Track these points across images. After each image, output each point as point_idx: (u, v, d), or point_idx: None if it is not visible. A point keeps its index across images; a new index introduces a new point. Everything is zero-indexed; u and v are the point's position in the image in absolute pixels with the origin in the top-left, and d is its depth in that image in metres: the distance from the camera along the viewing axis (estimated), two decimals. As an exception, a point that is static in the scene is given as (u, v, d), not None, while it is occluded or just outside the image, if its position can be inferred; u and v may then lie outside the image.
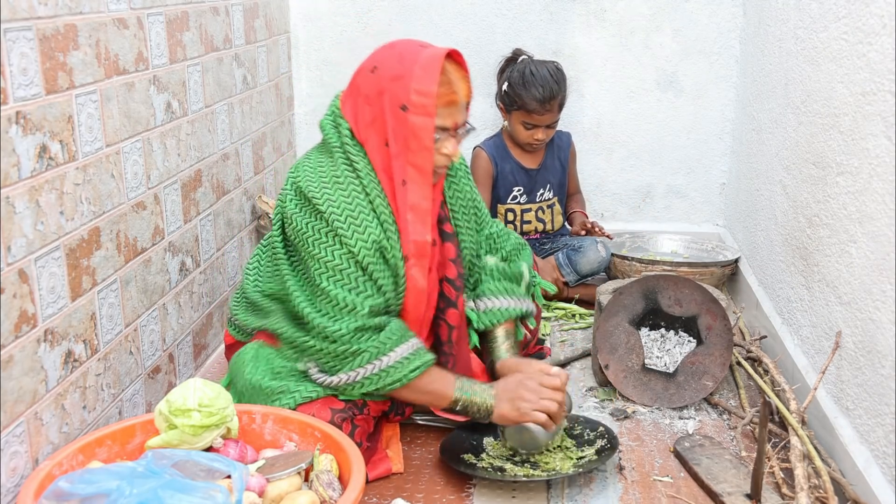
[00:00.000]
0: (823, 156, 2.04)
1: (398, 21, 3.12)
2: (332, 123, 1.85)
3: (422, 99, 1.72)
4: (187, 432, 1.57)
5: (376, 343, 1.76)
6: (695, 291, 2.18)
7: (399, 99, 1.74)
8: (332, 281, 1.77)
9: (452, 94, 1.76)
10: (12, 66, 1.42)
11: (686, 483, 1.83)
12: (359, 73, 1.83)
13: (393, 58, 1.77)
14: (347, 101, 1.84)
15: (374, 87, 1.77)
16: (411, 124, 1.74)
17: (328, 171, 1.81)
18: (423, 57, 1.75)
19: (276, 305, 1.93)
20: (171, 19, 2.03)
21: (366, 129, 1.80)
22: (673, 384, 2.16)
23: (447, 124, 1.77)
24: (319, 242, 1.78)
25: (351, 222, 1.77)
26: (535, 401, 1.80)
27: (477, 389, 1.83)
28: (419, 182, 1.79)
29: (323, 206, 1.77)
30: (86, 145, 1.66)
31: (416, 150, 1.76)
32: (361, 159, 1.81)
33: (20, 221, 1.45)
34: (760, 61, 2.72)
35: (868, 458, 1.73)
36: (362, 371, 1.77)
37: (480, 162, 2.91)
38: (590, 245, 2.79)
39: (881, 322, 1.69)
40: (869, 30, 1.80)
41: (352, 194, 1.79)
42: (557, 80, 2.78)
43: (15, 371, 1.44)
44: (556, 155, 2.97)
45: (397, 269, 1.82)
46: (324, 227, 1.77)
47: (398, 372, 1.77)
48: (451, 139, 1.80)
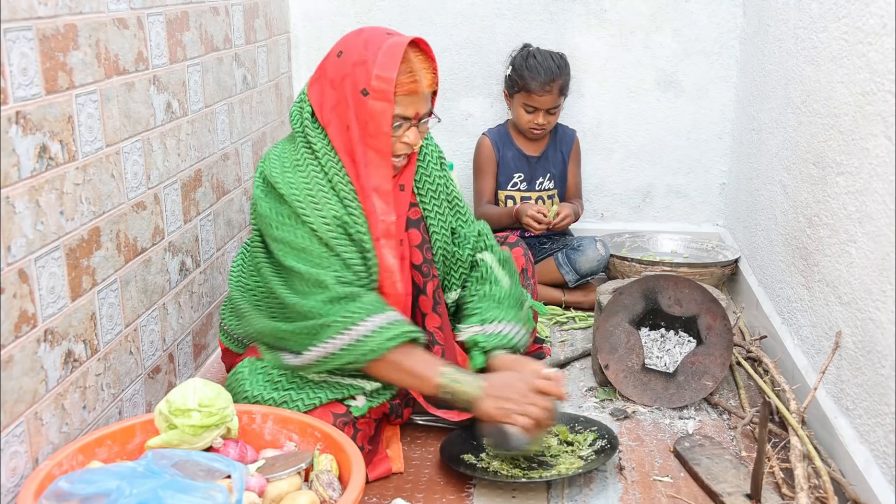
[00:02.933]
0: (823, 156, 2.04)
1: (398, 21, 3.12)
2: (298, 109, 1.88)
3: (381, 84, 1.75)
4: (187, 432, 1.57)
5: (346, 313, 1.75)
6: (695, 291, 2.18)
7: (360, 83, 1.77)
8: (297, 259, 1.79)
9: (414, 82, 1.78)
10: (12, 66, 1.42)
11: (686, 483, 1.83)
12: (326, 57, 1.86)
13: (359, 43, 1.80)
14: (315, 85, 1.87)
15: (339, 72, 1.80)
16: (370, 109, 1.76)
17: (289, 156, 1.85)
18: (387, 44, 1.77)
19: (249, 305, 1.95)
20: (171, 19, 2.03)
21: (329, 113, 1.83)
22: (673, 384, 2.16)
23: (408, 113, 1.80)
24: (283, 225, 1.81)
25: (310, 201, 1.80)
26: (519, 404, 1.76)
27: (464, 379, 1.78)
28: (379, 165, 1.82)
29: (284, 190, 1.80)
30: (86, 145, 1.66)
31: (374, 134, 1.79)
32: (320, 140, 1.83)
33: (20, 221, 1.45)
34: (760, 61, 2.72)
35: (868, 458, 1.73)
36: (333, 342, 1.75)
37: (483, 149, 2.95)
38: (589, 244, 2.79)
39: (881, 322, 1.69)
40: (869, 30, 1.80)
41: (310, 174, 1.82)
42: (560, 64, 2.85)
43: (15, 371, 1.44)
44: (559, 147, 2.98)
45: (363, 245, 1.83)
46: (286, 209, 1.81)
47: (371, 341, 1.74)
48: (412, 128, 1.82)
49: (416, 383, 1.82)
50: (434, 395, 1.80)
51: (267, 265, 1.88)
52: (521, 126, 2.89)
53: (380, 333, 1.75)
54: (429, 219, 1.98)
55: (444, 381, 1.77)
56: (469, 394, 1.77)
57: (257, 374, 1.85)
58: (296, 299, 1.80)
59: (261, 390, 1.82)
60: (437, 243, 1.99)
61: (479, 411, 1.79)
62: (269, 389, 1.82)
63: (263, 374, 1.85)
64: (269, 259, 1.89)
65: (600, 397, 2.21)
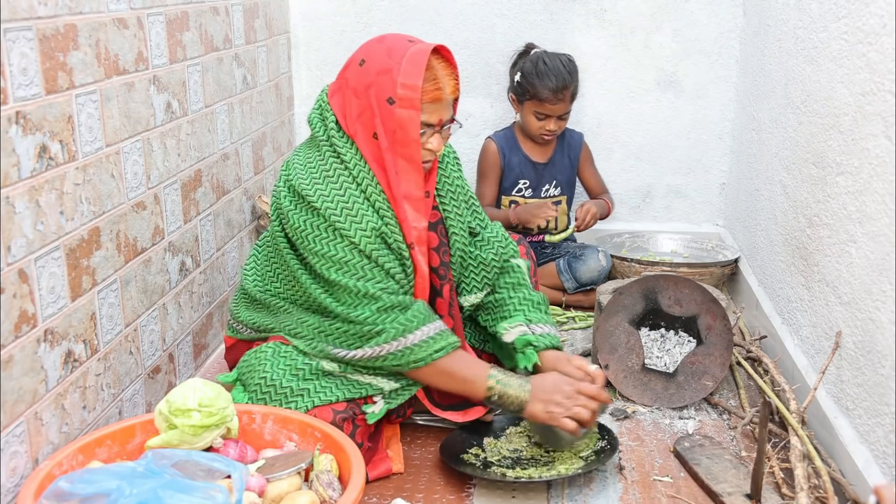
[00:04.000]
0: (823, 156, 2.04)
1: (398, 21, 3.12)
2: (320, 117, 1.87)
3: (408, 92, 1.75)
4: (187, 432, 1.57)
5: (401, 321, 1.78)
6: (695, 291, 2.18)
7: (386, 92, 1.76)
8: (340, 273, 1.79)
9: (437, 90, 1.78)
10: (12, 66, 1.42)
11: (686, 483, 1.83)
12: (347, 66, 1.85)
13: (381, 51, 1.79)
14: (336, 95, 1.85)
15: (362, 81, 1.79)
16: (398, 117, 1.76)
17: (317, 165, 1.83)
18: (410, 51, 1.77)
19: (286, 304, 1.93)
20: (171, 19, 2.03)
21: (354, 122, 1.82)
22: (673, 384, 2.16)
23: (432, 120, 1.80)
24: (320, 238, 1.79)
25: (347, 214, 1.79)
26: (568, 407, 1.79)
27: (512, 382, 1.81)
28: (410, 172, 1.82)
29: (318, 203, 1.78)
30: (86, 145, 1.66)
31: (403, 142, 1.79)
32: (349, 151, 1.83)
33: (20, 221, 1.45)
34: (760, 61, 2.72)
35: (868, 458, 1.73)
36: (387, 347, 1.78)
37: (489, 154, 2.93)
38: (591, 253, 2.79)
39: (881, 322, 1.69)
40: (869, 30, 1.80)
41: (343, 186, 1.81)
42: (570, 70, 2.80)
43: (15, 371, 1.44)
44: (567, 153, 2.97)
45: (402, 253, 1.84)
46: (321, 222, 1.79)
47: (422, 351, 1.78)
48: (435, 135, 1.83)
49: (464, 388, 1.84)
50: (483, 398, 1.82)
51: (305, 275, 1.86)
52: (531, 132, 2.87)
53: (429, 344, 1.78)
54: (448, 220, 1.98)
55: (493, 384, 1.80)
56: (518, 398, 1.80)
57: (280, 357, 1.84)
58: (345, 309, 1.80)
59: (280, 375, 1.81)
60: (455, 244, 1.99)
61: (527, 413, 1.81)
62: (289, 377, 1.81)
63: (286, 360, 1.84)
64: (306, 269, 1.87)
65: (600, 397, 2.21)
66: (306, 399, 1.78)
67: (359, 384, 1.83)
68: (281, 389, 1.79)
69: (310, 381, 1.81)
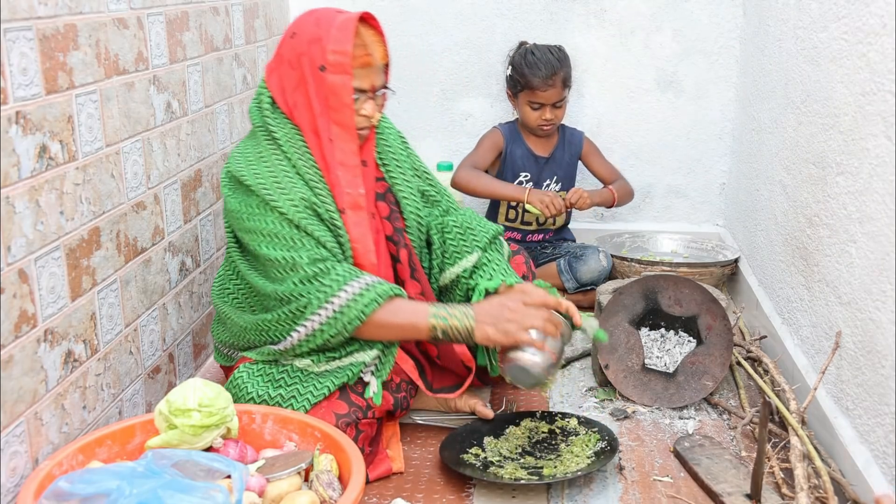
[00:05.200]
0: (823, 156, 2.04)
1: (398, 21, 3.12)
2: (256, 104, 1.93)
3: (338, 58, 1.80)
4: (187, 432, 1.57)
5: (322, 288, 1.78)
6: (695, 291, 2.18)
7: (317, 60, 1.82)
8: (270, 246, 1.81)
9: (367, 55, 1.83)
10: (12, 66, 1.42)
11: (686, 483, 1.83)
12: (281, 42, 1.91)
13: (311, 22, 1.86)
14: (273, 73, 1.91)
15: (295, 52, 1.86)
16: (330, 83, 1.82)
17: (252, 151, 1.89)
18: (338, 20, 1.83)
19: (231, 308, 1.96)
20: (171, 19, 2.03)
21: (292, 94, 1.88)
22: (673, 384, 2.16)
23: (364, 85, 1.85)
24: (252, 215, 1.83)
25: (277, 187, 1.83)
26: (519, 320, 1.78)
27: (454, 313, 1.80)
28: (344, 139, 1.86)
29: (250, 181, 1.83)
30: (86, 145, 1.66)
31: (336, 108, 1.84)
32: (281, 128, 1.88)
33: (20, 221, 1.45)
34: (760, 61, 2.72)
35: (868, 458, 1.73)
36: (317, 318, 1.78)
37: (493, 134, 2.94)
38: (591, 254, 2.79)
39: (881, 322, 1.69)
40: (869, 30, 1.80)
41: (274, 164, 1.86)
42: (559, 58, 2.83)
43: (15, 371, 1.44)
44: (568, 149, 2.97)
45: (333, 222, 1.86)
46: (254, 200, 1.83)
47: (352, 310, 1.77)
48: (369, 101, 1.88)
49: (408, 334, 1.83)
50: (430, 338, 1.82)
51: (242, 262, 1.91)
52: (530, 124, 2.88)
53: (358, 300, 1.77)
54: (396, 186, 2.02)
55: (435, 322, 1.79)
56: (464, 326, 1.80)
57: (256, 377, 1.84)
58: (272, 286, 1.82)
59: (265, 390, 1.81)
60: (407, 209, 2.02)
61: (480, 337, 1.80)
62: (272, 388, 1.82)
63: (263, 375, 1.85)
64: (243, 255, 1.93)
65: (600, 397, 2.21)
66: (301, 400, 1.79)
67: (340, 369, 1.83)
68: (272, 401, 1.80)
69: (294, 385, 1.82)
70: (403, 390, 1.95)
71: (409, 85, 3.18)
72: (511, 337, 1.78)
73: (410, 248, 2.02)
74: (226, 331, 1.99)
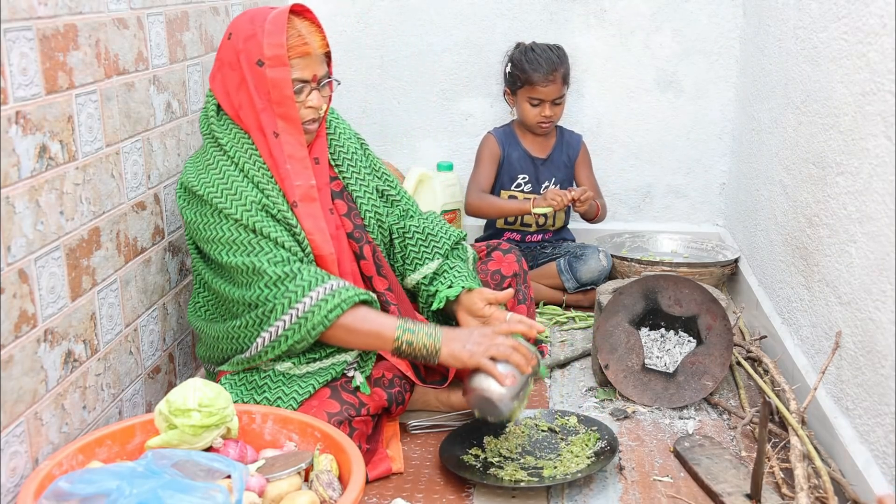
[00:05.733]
0: (823, 156, 2.04)
1: (398, 21, 3.12)
2: (203, 113, 1.93)
3: (274, 51, 1.81)
4: (187, 432, 1.57)
5: (287, 293, 1.78)
6: (695, 291, 2.18)
7: (254, 55, 1.83)
8: (230, 253, 1.82)
9: (304, 44, 1.84)
10: (12, 66, 1.42)
11: (686, 483, 1.83)
12: (220, 46, 1.92)
13: (245, 21, 1.87)
14: (216, 77, 1.91)
15: (233, 52, 1.86)
16: (270, 77, 1.82)
17: (201, 160, 1.89)
18: (271, 15, 1.85)
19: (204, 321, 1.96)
20: (171, 19, 2.03)
21: (236, 94, 1.87)
22: (673, 384, 2.16)
23: (305, 76, 1.85)
24: (208, 224, 1.84)
25: (227, 194, 1.83)
26: (486, 345, 1.77)
27: (421, 330, 1.80)
28: (290, 132, 1.87)
29: (202, 191, 1.84)
30: (86, 145, 1.66)
31: (278, 101, 1.84)
32: (226, 134, 1.88)
33: (20, 221, 1.45)
34: (760, 61, 2.72)
35: (868, 458, 1.73)
36: (281, 324, 1.78)
37: (488, 142, 2.94)
38: (591, 253, 2.78)
39: (881, 322, 1.69)
40: (869, 30, 1.80)
41: (222, 170, 1.86)
42: (559, 55, 2.86)
43: (15, 371, 1.44)
44: (566, 150, 2.97)
45: (288, 221, 1.86)
46: (208, 209, 1.84)
47: (316, 316, 1.77)
48: (314, 92, 1.88)
49: (372, 342, 1.83)
50: (393, 350, 1.81)
51: (207, 271, 1.91)
52: (529, 122, 2.88)
53: (321, 307, 1.77)
54: (349, 184, 2.03)
55: (400, 334, 1.79)
56: (428, 345, 1.79)
57: (239, 387, 1.85)
58: (240, 291, 1.82)
59: (250, 396, 1.83)
60: (363, 206, 2.04)
61: (446, 355, 1.79)
62: (257, 393, 1.83)
63: (245, 384, 1.85)
64: (208, 265, 1.92)
65: (600, 397, 2.21)
66: (287, 400, 1.80)
67: (323, 369, 1.85)
68: None
69: (279, 387, 1.83)
70: (397, 385, 1.95)
71: (408, 85, 3.18)
72: (475, 359, 1.76)
73: (374, 245, 2.03)
74: (202, 345, 1.99)
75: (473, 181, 2.93)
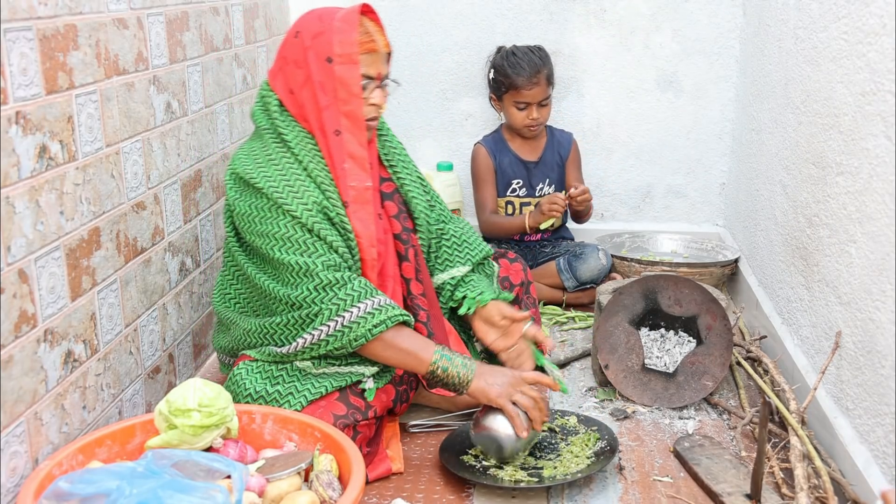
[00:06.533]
0: (823, 156, 2.05)
1: (398, 21, 3.12)
2: (261, 106, 1.93)
3: (345, 48, 1.82)
4: (187, 432, 1.57)
5: (336, 300, 1.78)
6: (694, 291, 2.18)
7: (324, 52, 1.84)
8: (283, 250, 1.81)
9: (371, 41, 1.85)
10: (12, 66, 1.42)
11: (686, 483, 1.83)
12: (283, 44, 1.92)
13: (312, 19, 1.88)
14: (278, 75, 1.91)
15: (300, 49, 1.86)
16: (338, 74, 1.83)
17: (261, 153, 1.88)
18: (339, 13, 1.85)
19: (235, 313, 1.96)
20: (171, 19, 2.03)
21: (300, 92, 1.87)
22: (673, 384, 2.16)
23: (371, 73, 1.87)
24: (265, 219, 1.83)
25: (289, 191, 1.82)
26: (513, 391, 1.80)
27: (457, 360, 1.82)
28: (353, 130, 1.87)
29: (261, 184, 1.83)
30: (86, 145, 1.66)
31: (345, 98, 1.84)
32: (291, 130, 1.88)
33: (20, 221, 1.45)
34: (760, 61, 2.72)
35: (868, 458, 1.73)
36: (325, 329, 1.78)
37: (480, 157, 2.93)
38: (591, 252, 2.79)
39: (881, 322, 1.69)
40: (869, 30, 1.80)
41: (285, 167, 1.85)
42: (541, 56, 2.86)
43: (15, 371, 1.44)
44: (556, 150, 2.97)
45: (345, 227, 1.86)
46: (265, 203, 1.83)
47: (360, 327, 1.77)
48: (377, 89, 1.89)
49: (409, 361, 1.83)
50: (427, 373, 1.82)
51: (250, 264, 1.90)
52: (517, 126, 2.88)
53: (367, 320, 1.77)
54: (405, 186, 2.04)
55: (437, 359, 1.80)
56: (462, 375, 1.80)
57: (255, 374, 1.84)
58: (286, 290, 1.81)
59: (263, 385, 1.82)
60: (418, 207, 2.04)
61: (474, 389, 1.81)
62: (270, 384, 1.82)
63: (262, 373, 1.85)
64: (251, 259, 1.91)
65: (600, 397, 2.21)
66: (297, 396, 1.79)
67: (339, 374, 1.84)
68: (269, 396, 1.80)
69: (292, 382, 1.82)
70: (405, 382, 1.96)
71: (408, 85, 3.18)
72: (501, 400, 1.79)
73: (418, 249, 2.03)
74: (226, 336, 1.99)
75: (479, 205, 2.94)
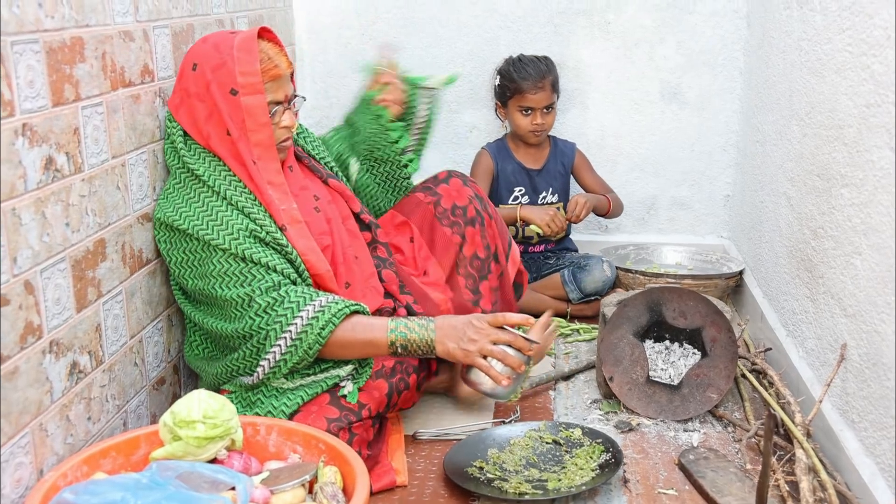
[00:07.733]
0: (828, 167, 2.05)
1: (402, 33, 3.13)
2: (169, 143, 1.89)
3: (248, 79, 1.80)
4: (192, 444, 1.57)
5: (277, 318, 1.77)
6: (699, 303, 2.18)
7: (226, 84, 1.81)
8: (223, 286, 1.79)
9: (275, 67, 1.84)
10: (19, 79, 1.42)
11: (691, 496, 1.83)
12: (181, 76, 1.88)
13: (209, 50, 1.84)
14: (180, 108, 1.88)
15: (201, 83, 1.83)
16: (245, 105, 1.81)
17: (178, 192, 1.85)
18: (237, 41, 1.82)
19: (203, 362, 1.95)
20: (177, 32, 2.04)
21: (205, 125, 1.85)
22: (677, 396, 2.16)
23: (278, 97, 1.87)
24: (199, 260, 1.81)
25: (213, 225, 1.80)
26: (480, 343, 1.77)
27: (413, 326, 1.80)
28: (267, 158, 1.86)
29: (185, 225, 1.80)
30: (91, 157, 1.66)
31: (254, 129, 1.83)
32: (202, 164, 1.85)
33: (26, 233, 1.46)
34: (764, 73, 2.72)
35: (874, 471, 1.72)
36: (277, 349, 1.77)
37: (482, 159, 2.97)
38: (595, 264, 2.79)
39: (886, 334, 1.69)
40: (873, 42, 1.80)
41: (204, 201, 1.83)
42: (546, 63, 2.90)
43: (20, 382, 1.44)
44: (560, 160, 2.98)
45: (279, 242, 1.84)
46: (195, 245, 1.81)
47: (309, 335, 1.76)
48: (287, 111, 1.89)
49: (370, 350, 1.82)
50: (391, 354, 1.81)
51: (195, 311, 1.89)
52: (521, 132, 2.89)
53: (314, 324, 1.76)
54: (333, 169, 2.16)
55: (394, 338, 1.79)
56: (425, 338, 1.79)
57: (236, 403, 1.85)
58: (233, 325, 1.80)
59: (243, 412, 1.83)
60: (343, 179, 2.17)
61: (442, 352, 1.80)
62: (249, 410, 1.84)
63: (241, 401, 1.86)
64: (195, 305, 1.90)
65: (605, 409, 2.21)
66: (277, 412, 1.80)
67: (315, 382, 1.85)
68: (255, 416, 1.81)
69: (269, 401, 1.83)
70: (398, 373, 1.94)
71: (413, 97, 3.18)
72: (470, 359, 1.78)
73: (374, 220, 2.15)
74: (204, 383, 1.98)
75: None
